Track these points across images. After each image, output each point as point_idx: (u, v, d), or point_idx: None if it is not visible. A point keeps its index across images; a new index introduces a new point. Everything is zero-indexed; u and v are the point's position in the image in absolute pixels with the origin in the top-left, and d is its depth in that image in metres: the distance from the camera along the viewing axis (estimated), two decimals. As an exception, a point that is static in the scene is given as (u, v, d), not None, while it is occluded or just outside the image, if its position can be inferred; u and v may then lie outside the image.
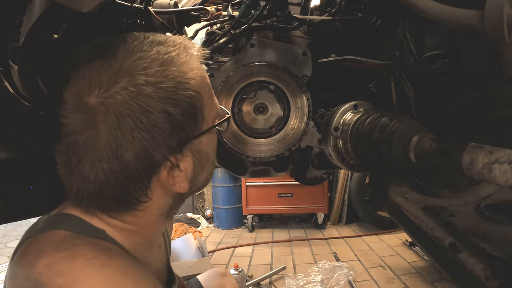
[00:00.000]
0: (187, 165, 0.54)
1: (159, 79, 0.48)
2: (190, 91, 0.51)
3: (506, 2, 0.44)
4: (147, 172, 0.50)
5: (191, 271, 2.28)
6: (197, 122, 0.53)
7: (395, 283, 2.37)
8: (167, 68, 0.49)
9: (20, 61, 0.55)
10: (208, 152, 0.59)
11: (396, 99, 0.95)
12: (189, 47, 0.55)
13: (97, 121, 0.46)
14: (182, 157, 0.53)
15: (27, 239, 0.52)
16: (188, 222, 3.86)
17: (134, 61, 0.48)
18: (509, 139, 0.69)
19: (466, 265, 0.66)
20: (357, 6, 1.03)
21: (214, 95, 0.60)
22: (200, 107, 0.53)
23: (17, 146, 0.69)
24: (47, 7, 0.44)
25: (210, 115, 0.57)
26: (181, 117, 0.50)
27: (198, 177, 0.59)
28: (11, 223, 1.43)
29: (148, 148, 0.48)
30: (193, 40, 1.06)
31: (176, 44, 0.53)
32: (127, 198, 0.52)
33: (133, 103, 0.46)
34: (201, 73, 0.55)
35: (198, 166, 0.57)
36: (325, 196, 3.72)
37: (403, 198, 0.88)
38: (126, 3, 0.80)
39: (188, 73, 0.52)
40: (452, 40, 0.77)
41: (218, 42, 0.98)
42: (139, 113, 0.46)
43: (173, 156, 0.51)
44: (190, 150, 0.54)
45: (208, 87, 0.57)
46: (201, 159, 0.57)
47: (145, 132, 0.47)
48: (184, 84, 0.50)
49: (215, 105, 0.60)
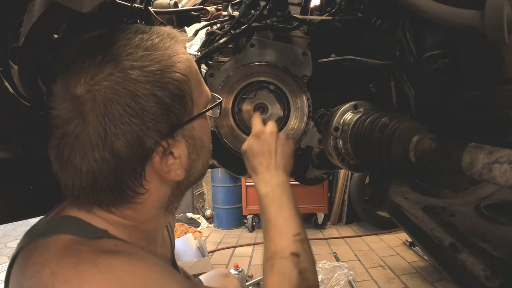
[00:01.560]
0: (181, 152, 0.54)
1: (145, 63, 0.48)
2: (177, 74, 0.51)
3: (506, 2, 0.44)
4: (140, 159, 0.49)
5: (191, 271, 2.26)
6: (187, 106, 0.53)
7: (395, 283, 2.37)
8: (152, 52, 0.49)
9: (20, 61, 0.55)
10: (202, 138, 0.59)
11: (396, 99, 0.95)
12: (173, 34, 0.55)
13: (85, 109, 0.46)
14: (175, 143, 0.52)
15: (28, 244, 0.50)
16: (188, 222, 3.86)
17: (118, 48, 0.48)
18: (509, 139, 0.68)
19: (466, 265, 0.65)
20: (357, 6, 1.03)
21: (203, 82, 0.60)
22: (189, 91, 0.53)
23: (17, 146, 0.69)
24: (47, 7, 0.44)
25: (200, 100, 0.57)
26: (170, 100, 0.49)
27: (194, 165, 0.58)
28: (11, 223, 1.43)
29: (138, 133, 0.47)
30: (193, 40, 1.06)
31: (160, 32, 0.54)
32: (123, 189, 0.51)
33: (120, 88, 0.46)
34: (187, 57, 0.55)
35: (193, 153, 0.57)
36: (325, 196, 3.72)
37: (403, 198, 0.88)
38: (126, 3, 0.80)
39: (174, 56, 0.52)
40: (452, 40, 0.77)
41: (218, 42, 0.98)
42: (127, 98, 0.46)
43: (165, 141, 0.51)
44: (183, 136, 0.54)
45: (195, 72, 0.57)
46: (195, 146, 0.57)
47: (134, 117, 0.46)
48: (171, 67, 0.50)
49: (204, 90, 0.59)
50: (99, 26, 0.55)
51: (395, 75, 0.94)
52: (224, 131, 0.96)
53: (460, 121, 0.79)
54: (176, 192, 0.59)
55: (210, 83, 0.96)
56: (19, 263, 0.49)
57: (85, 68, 0.47)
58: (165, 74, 0.49)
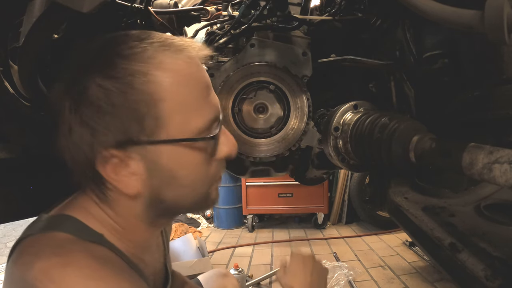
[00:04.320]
0: (136, 168, 0.51)
1: (113, 73, 0.47)
2: (140, 92, 0.48)
3: (506, 2, 0.44)
4: (89, 155, 0.50)
5: (191, 271, 2.27)
6: (145, 125, 0.48)
7: (395, 283, 2.37)
8: (128, 63, 0.48)
9: (20, 61, 0.55)
10: (173, 170, 0.52)
11: (396, 99, 0.95)
12: (169, 45, 0.51)
13: (65, 106, 0.50)
14: (125, 157, 0.50)
15: (26, 237, 0.52)
16: (188, 222, 3.86)
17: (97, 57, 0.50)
18: (509, 139, 0.68)
19: (466, 265, 0.66)
20: (357, 6, 1.03)
21: (206, 109, 0.53)
22: (150, 111, 0.48)
23: (17, 146, 0.70)
24: (47, 7, 0.44)
25: (179, 127, 0.50)
26: (120, 114, 0.48)
27: (162, 192, 0.54)
28: (11, 223, 1.43)
29: (90, 133, 0.49)
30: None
31: (154, 41, 0.50)
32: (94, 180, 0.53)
33: (86, 93, 0.48)
34: (170, 74, 0.49)
35: (156, 179, 0.52)
36: (325, 196, 3.72)
37: (403, 198, 0.88)
38: (126, 3, 0.80)
39: (149, 73, 0.48)
40: (452, 40, 0.77)
41: (218, 42, 0.98)
42: (88, 102, 0.48)
43: (107, 151, 0.49)
44: (140, 155, 0.50)
45: (183, 94, 0.50)
46: (159, 172, 0.52)
47: (90, 120, 0.48)
48: (138, 80, 0.47)
49: (195, 118, 0.51)
50: (99, 26, 0.55)
51: (395, 75, 0.94)
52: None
53: (460, 121, 0.79)
54: (153, 211, 0.56)
55: None
56: (16, 252, 0.51)
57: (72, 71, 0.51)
58: (129, 87, 0.47)
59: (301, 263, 0.79)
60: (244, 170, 1.11)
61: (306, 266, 0.79)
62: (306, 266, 0.79)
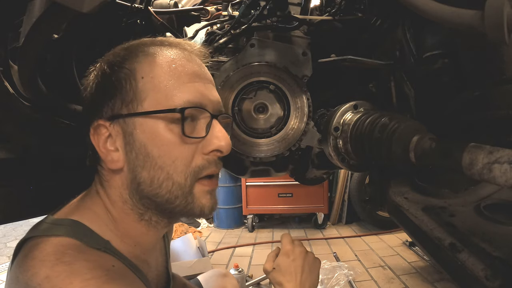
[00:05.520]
0: (118, 141, 0.56)
1: (111, 58, 0.59)
2: (127, 65, 0.56)
3: (506, 2, 0.44)
4: (91, 110, 0.59)
5: (191, 271, 2.27)
6: (126, 98, 0.55)
7: (395, 283, 2.37)
8: (124, 51, 0.59)
9: (20, 61, 0.55)
10: (146, 145, 0.54)
11: (396, 99, 0.95)
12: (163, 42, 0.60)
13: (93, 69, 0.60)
14: (111, 129, 0.56)
15: (31, 238, 0.52)
16: (188, 222, 3.86)
17: None
18: (509, 139, 0.68)
19: (466, 265, 0.66)
20: (357, 6, 1.03)
21: (180, 88, 0.55)
22: (133, 85, 0.55)
23: (17, 146, 0.70)
24: (47, 7, 0.44)
25: (151, 102, 0.54)
26: (111, 84, 0.56)
27: (138, 171, 0.55)
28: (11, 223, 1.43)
29: (94, 96, 0.58)
30: (193, 40, 1.06)
31: (153, 39, 0.61)
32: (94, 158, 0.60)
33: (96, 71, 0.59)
34: (153, 56, 0.57)
35: (132, 153, 0.55)
36: (325, 196, 3.72)
37: (403, 198, 0.88)
38: (126, 3, 0.80)
39: (137, 51, 0.58)
40: (452, 40, 0.77)
41: (218, 42, 0.98)
42: (102, 70, 0.58)
43: (97, 121, 0.56)
44: (121, 128, 0.56)
45: (164, 73, 0.55)
46: (133, 146, 0.54)
47: (100, 83, 0.58)
48: (126, 58, 0.57)
49: (170, 97, 0.54)
50: (99, 26, 0.56)
51: (395, 75, 0.94)
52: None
53: (460, 121, 0.79)
54: (135, 194, 0.57)
55: None
56: (21, 254, 0.51)
57: None
58: (122, 65, 0.57)
59: (291, 255, 0.75)
60: (244, 170, 1.11)
61: (297, 261, 0.75)
62: (296, 261, 0.75)
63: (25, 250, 0.51)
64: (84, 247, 0.51)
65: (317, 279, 0.78)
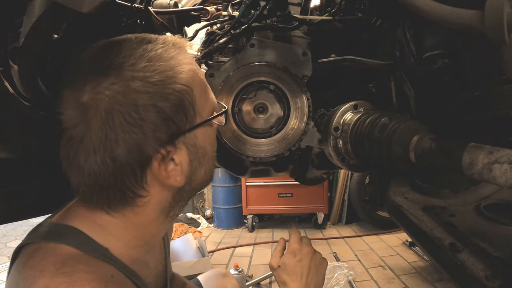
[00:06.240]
0: (182, 159, 0.55)
1: (146, 74, 0.49)
2: (179, 85, 0.52)
3: (506, 2, 0.44)
4: (139, 164, 0.51)
5: (191, 271, 2.28)
6: (188, 115, 0.54)
7: (395, 283, 2.37)
8: (154, 63, 0.50)
9: (20, 61, 0.55)
10: (205, 147, 0.59)
11: (396, 99, 0.95)
12: (179, 44, 0.56)
13: (89, 116, 0.48)
14: (176, 150, 0.54)
15: (30, 243, 0.52)
16: (188, 222, 3.86)
17: (122, 58, 0.49)
18: (509, 139, 0.68)
19: (466, 265, 0.66)
20: (357, 6, 1.03)
21: (210, 90, 0.62)
22: (191, 100, 0.54)
23: (17, 146, 0.70)
24: (47, 7, 0.44)
25: (204, 109, 0.58)
26: (170, 110, 0.51)
27: (196, 172, 0.59)
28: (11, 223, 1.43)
29: (137, 141, 0.49)
30: (193, 40, 1.06)
31: (165, 42, 0.55)
32: (123, 191, 0.52)
33: (121, 98, 0.48)
34: (190, 67, 0.55)
35: (195, 160, 0.58)
36: (325, 196, 3.72)
37: (403, 198, 0.88)
38: (126, 3, 0.80)
39: (176, 67, 0.53)
40: (452, 40, 0.77)
41: (218, 42, 0.98)
42: (127, 107, 0.48)
43: (164, 149, 0.52)
44: (184, 144, 0.55)
45: (200, 82, 0.57)
46: (197, 153, 0.58)
47: (134, 126, 0.48)
48: (172, 78, 0.51)
49: (210, 99, 0.61)
50: (99, 26, 0.56)
51: (395, 75, 0.94)
52: (224, 131, 0.96)
53: (460, 121, 0.79)
54: (177, 198, 0.60)
55: (210, 83, 0.96)
56: (20, 260, 0.51)
57: (90, 76, 0.49)
58: (166, 85, 0.51)
59: (298, 255, 0.75)
60: (244, 170, 1.11)
61: (303, 261, 0.74)
62: (302, 261, 0.74)
63: (24, 256, 0.50)
64: (83, 256, 0.50)
65: (322, 280, 0.78)
